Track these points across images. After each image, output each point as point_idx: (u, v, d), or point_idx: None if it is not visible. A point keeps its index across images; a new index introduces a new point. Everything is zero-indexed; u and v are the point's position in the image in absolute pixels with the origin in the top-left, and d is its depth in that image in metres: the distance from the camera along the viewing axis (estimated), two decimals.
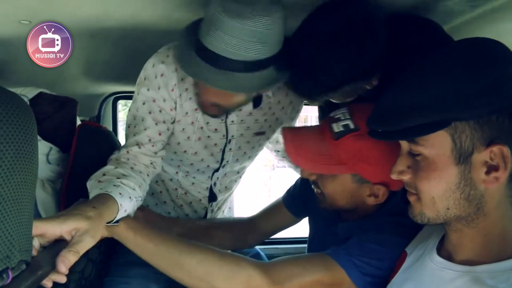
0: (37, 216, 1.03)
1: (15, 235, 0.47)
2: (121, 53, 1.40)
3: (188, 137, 1.09)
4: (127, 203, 0.82)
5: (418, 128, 0.64)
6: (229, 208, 1.43)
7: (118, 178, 0.86)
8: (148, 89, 1.01)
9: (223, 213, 1.38)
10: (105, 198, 0.78)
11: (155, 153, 1.00)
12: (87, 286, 0.96)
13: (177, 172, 1.18)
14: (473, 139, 0.62)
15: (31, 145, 0.49)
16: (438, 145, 0.65)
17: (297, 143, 0.95)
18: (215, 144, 1.13)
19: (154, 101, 1.01)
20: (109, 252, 1.10)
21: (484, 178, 0.63)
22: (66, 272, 0.62)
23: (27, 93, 1.10)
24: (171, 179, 1.20)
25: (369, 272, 0.86)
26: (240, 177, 1.31)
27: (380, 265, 0.86)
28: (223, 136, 1.12)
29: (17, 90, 1.10)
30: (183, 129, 1.08)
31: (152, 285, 1.15)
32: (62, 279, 0.65)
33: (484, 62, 0.63)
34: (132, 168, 0.93)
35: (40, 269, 0.57)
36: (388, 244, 0.88)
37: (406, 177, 0.72)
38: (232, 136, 1.13)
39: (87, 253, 0.96)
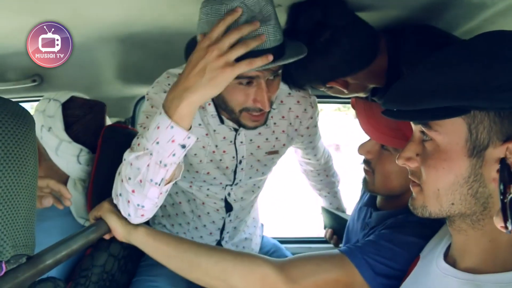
0: (68, 213, 1.10)
1: (7, 231, 0.51)
2: (151, 56, 1.46)
3: (200, 161, 1.12)
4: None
5: (435, 111, 0.60)
6: (253, 218, 1.42)
7: None
8: (152, 106, 1.04)
9: (246, 224, 1.36)
10: None
11: None
12: (110, 280, 1.01)
13: (190, 186, 1.20)
14: (490, 132, 0.58)
15: (24, 149, 0.53)
16: (452, 132, 0.61)
17: (369, 113, 0.98)
18: (227, 167, 1.15)
19: None
20: (133, 249, 1.15)
21: (495, 176, 0.58)
22: None
23: (60, 97, 1.16)
24: (188, 190, 1.23)
25: (381, 272, 0.84)
26: (259, 187, 1.30)
27: (392, 265, 0.84)
28: (233, 157, 1.14)
29: (51, 95, 1.17)
30: (195, 154, 1.11)
31: (179, 282, 1.19)
32: None
33: None
34: None
35: (42, 263, 0.61)
36: (404, 245, 0.86)
37: (413, 165, 0.69)
38: (242, 156, 1.14)
39: (108, 248, 1.02)
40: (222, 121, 1.07)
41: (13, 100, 1.59)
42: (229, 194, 1.22)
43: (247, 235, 1.38)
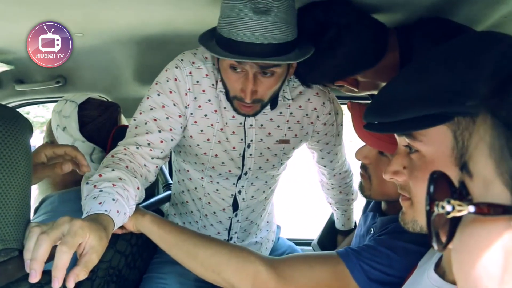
0: (81, 210, 1.15)
1: None
2: (166, 58, 1.48)
3: (208, 139, 1.10)
4: (121, 220, 0.83)
5: (417, 120, 0.58)
6: (267, 222, 1.40)
7: (114, 184, 0.84)
8: (158, 94, 1.03)
9: (258, 227, 1.35)
10: (106, 218, 0.79)
11: (152, 157, 0.99)
12: (116, 275, 1.04)
13: (202, 178, 1.19)
14: None
15: (15, 151, 0.56)
16: (438, 142, 0.59)
17: None
18: (234, 148, 1.13)
19: (163, 106, 1.02)
20: (143, 246, 1.18)
21: None
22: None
23: (76, 99, 1.22)
24: (195, 188, 1.22)
25: (376, 278, 0.82)
26: (270, 188, 1.28)
27: (388, 272, 0.82)
28: (241, 140, 1.12)
29: (68, 96, 1.23)
30: (202, 130, 1.09)
31: (188, 281, 1.21)
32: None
33: (496, 54, 0.56)
34: (127, 166, 0.93)
35: None
36: (402, 251, 0.84)
37: (400, 179, 0.66)
38: (251, 140, 1.13)
39: (114, 244, 1.06)
40: (229, 99, 1.06)
41: (40, 100, 1.68)
42: (239, 192, 1.21)
43: (258, 239, 1.37)
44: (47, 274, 0.71)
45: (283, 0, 0.87)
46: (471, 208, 0.30)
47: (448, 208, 0.31)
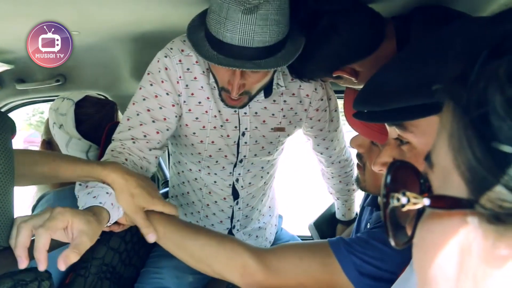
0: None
1: None
2: None
3: (204, 126, 1.09)
4: (115, 214, 0.84)
5: (407, 110, 0.54)
6: (269, 207, 1.39)
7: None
8: (151, 84, 1.03)
9: (260, 212, 1.34)
10: (99, 208, 0.79)
11: (149, 149, 0.99)
12: (110, 272, 1.05)
13: (199, 170, 1.19)
14: None
15: None
16: (429, 133, 0.56)
17: None
18: (228, 136, 1.12)
19: (156, 96, 1.02)
20: (138, 244, 1.18)
21: None
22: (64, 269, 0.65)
23: (74, 97, 1.22)
24: (195, 179, 1.22)
25: (367, 272, 0.80)
26: (268, 173, 1.27)
27: (380, 266, 0.79)
28: (235, 127, 1.11)
29: (65, 94, 1.24)
30: (197, 118, 1.08)
31: (184, 275, 1.21)
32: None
33: (464, 38, 0.54)
34: (126, 159, 0.94)
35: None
36: None
37: None
38: (246, 129, 1.12)
39: (108, 242, 1.06)
40: (218, 89, 1.05)
41: (42, 99, 1.69)
42: (237, 180, 1.20)
43: (261, 224, 1.36)
44: (32, 272, 0.71)
45: (277, 4, 0.85)
46: (426, 201, 0.28)
47: (403, 200, 0.29)
